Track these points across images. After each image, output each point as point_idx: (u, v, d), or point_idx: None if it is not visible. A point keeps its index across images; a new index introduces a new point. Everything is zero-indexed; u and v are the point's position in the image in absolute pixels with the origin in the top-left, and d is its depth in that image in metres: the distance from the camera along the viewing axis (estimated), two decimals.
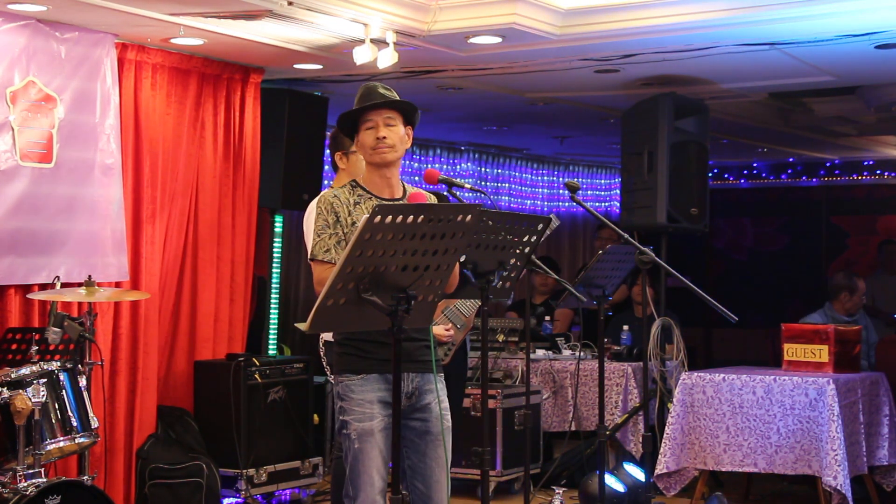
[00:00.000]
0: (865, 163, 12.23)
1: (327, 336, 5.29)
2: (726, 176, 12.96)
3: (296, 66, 7.12)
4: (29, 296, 5.85)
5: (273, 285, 7.60)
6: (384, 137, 4.11)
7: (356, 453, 4.03)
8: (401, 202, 4.16)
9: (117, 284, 6.33)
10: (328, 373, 5.35)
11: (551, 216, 4.87)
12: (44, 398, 4.95)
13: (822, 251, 12.66)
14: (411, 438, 4.14)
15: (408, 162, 10.19)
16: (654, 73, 7.36)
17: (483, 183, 11.13)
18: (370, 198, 4.12)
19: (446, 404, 4.23)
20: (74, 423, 5.16)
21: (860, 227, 12.53)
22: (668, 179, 7.48)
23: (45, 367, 5.08)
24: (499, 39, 6.42)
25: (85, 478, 5.17)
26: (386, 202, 4.12)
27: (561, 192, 12.23)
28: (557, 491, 6.53)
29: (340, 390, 4.08)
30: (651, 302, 7.31)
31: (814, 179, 12.62)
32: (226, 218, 7.11)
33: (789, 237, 12.85)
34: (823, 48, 6.52)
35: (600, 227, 10.09)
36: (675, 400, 6.61)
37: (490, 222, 4.12)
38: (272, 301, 7.57)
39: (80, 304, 5.90)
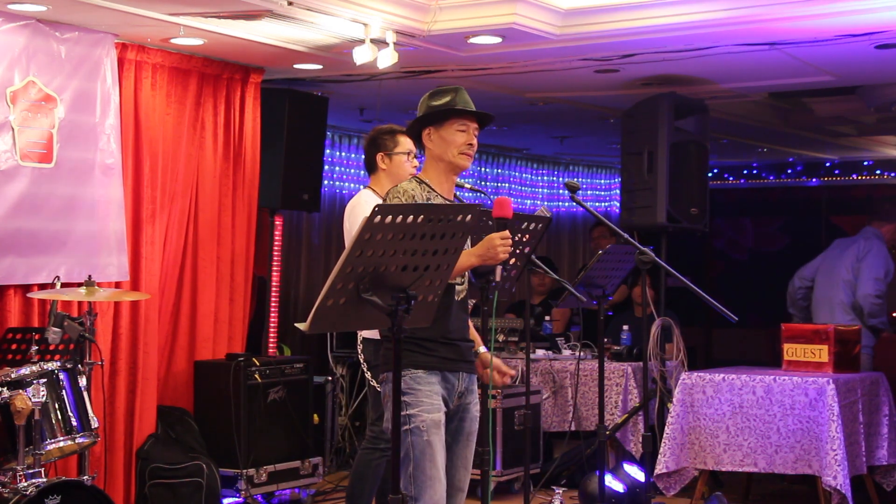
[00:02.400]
0: (865, 163, 12.22)
1: (365, 332, 5.34)
2: (726, 176, 12.96)
3: (296, 66, 7.13)
4: (29, 295, 5.85)
5: (273, 285, 7.60)
6: (472, 145, 4.17)
7: (424, 447, 3.99)
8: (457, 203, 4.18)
9: (117, 284, 6.34)
10: (364, 369, 5.40)
11: (542, 208, 4.89)
12: (44, 398, 4.94)
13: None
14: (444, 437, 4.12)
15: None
16: (654, 73, 7.36)
17: (483, 183, 11.12)
18: (437, 195, 4.15)
19: (478, 408, 4.24)
20: (74, 423, 5.16)
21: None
22: (668, 179, 7.48)
23: (45, 367, 5.08)
24: (499, 39, 6.43)
25: (85, 478, 5.17)
26: (447, 202, 4.16)
27: (561, 192, 12.23)
28: (557, 491, 6.53)
29: (403, 385, 3.98)
30: (651, 302, 7.30)
31: (814, 179, 12.61)
32: (226, 218, 7.11)
33: (789, 237, 12.84)
34: (823, 48, 6.52)
35: (594, 226, 10.10)
36: (675, 400, 6.61)
37: (490, 222, 4.12)
38: (272, 301, 7.57)
39: (80, 304, 5.90)
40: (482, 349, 4.34)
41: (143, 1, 5.70)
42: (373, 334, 5.33)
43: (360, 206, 5.38)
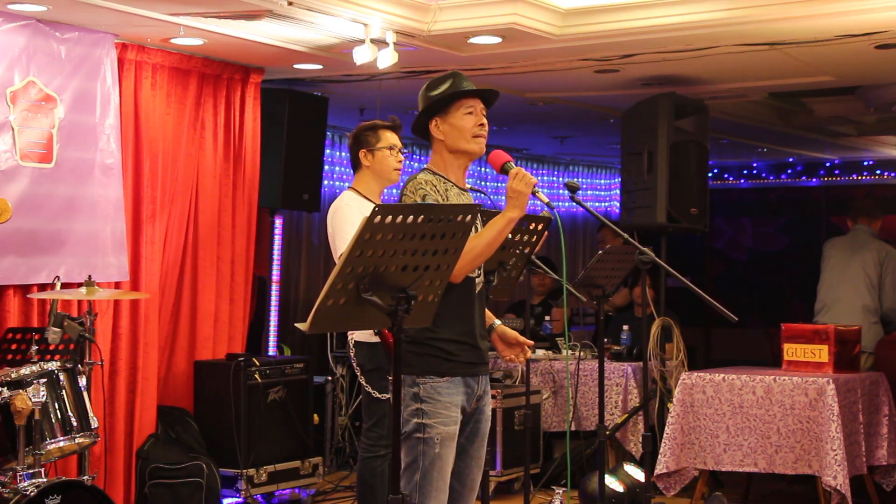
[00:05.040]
0: (865, 163, 12.23)
1: (357, 336, 5.31)
2: (726, 176, 12.96)
3: (296, 66, 7.13)
4: (29, 295, 5.85)
5: (273, 285, 7.60)
6: (483, 125, 4.08)
7: (434, 458, 3.90)
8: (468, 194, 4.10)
9: (117, 284, 6.34)
10: (358, 374, 5.37)
11: (546, 212, 4.88)
12: (44, 398, 4.94)
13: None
14: (458, 439, 4.04)
15: (408, 162, 10.16)
16: (654, 73, 7.36)
17: (483, 183, 11.13)
18: (452, 185, 4.07)
19: (491, 407, 4.19)
20: (74, 423, 5.16)
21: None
22: (667, 179, 7.47)
23: (45, 366, 5.08)
24: (499, 39, 6.42)
25: (85, 478, 5.17)
26: (463, 192, 4.10)
27: (561, 192, 12.22)
28: (557, 491, 6.53)
29: (422, 392, 3.93)
30: (651, 302, 7.30)
31: (814, 179, 12.61)
32: (226, 218, 7.11)
33: (789, 237, 12.84)
34: (823, 48, 6.52)
35: (599, 227, 10.10)
36: (675, 400, 6.61)
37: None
38: (272, 301, 7.57)
39: (79, 303, 5.90)
40: (497, 322, 4.27)
41: (143, 1, 5.70)
42: (364, 338, 5.28)
43: (343, 210, 5.33)
